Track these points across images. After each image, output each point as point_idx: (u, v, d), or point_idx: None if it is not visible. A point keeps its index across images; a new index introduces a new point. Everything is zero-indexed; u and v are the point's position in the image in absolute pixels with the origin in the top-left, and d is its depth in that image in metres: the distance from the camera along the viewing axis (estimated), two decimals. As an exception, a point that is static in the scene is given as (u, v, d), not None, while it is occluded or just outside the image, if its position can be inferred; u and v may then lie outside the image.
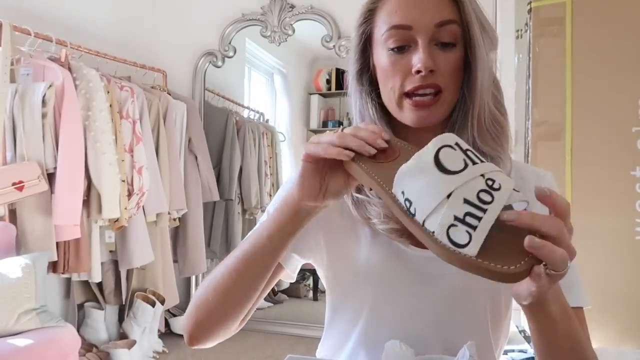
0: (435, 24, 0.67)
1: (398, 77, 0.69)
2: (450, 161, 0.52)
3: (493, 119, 0.72)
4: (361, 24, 0.74)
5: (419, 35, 0.68)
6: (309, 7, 3.18)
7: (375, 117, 0.75)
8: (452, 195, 0.50)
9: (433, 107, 0.69)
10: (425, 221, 0.52)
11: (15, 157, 2.19)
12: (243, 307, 0.70)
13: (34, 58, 2.28)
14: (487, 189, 0.50)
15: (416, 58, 0.67)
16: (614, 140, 1.60)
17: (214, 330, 0.71)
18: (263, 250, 0.68)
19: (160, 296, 2.78)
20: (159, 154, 2.80)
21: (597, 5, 1.65)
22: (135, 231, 2.62)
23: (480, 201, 0.49)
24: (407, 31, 0.68)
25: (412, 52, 0.69)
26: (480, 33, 0.69)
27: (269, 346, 2.90)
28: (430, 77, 0.68)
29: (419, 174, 0.53)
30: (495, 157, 0.72)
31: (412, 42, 0.69)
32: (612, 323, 1.58)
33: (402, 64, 0.69)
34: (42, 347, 1.84)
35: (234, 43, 3.37)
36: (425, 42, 0.67)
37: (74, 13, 2.87)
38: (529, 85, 1.74)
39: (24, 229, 2.21)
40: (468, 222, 0.48)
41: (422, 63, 0.66)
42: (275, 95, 3.74)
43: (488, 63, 0.71)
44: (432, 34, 0.68)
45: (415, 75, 0.68)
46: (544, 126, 1.70)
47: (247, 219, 3.51)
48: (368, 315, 0.76)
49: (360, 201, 0.74)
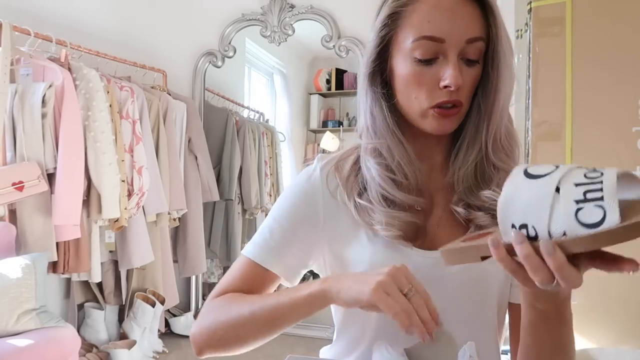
0: (465, 40, 0.67)
1: (424, 89, 0.69)
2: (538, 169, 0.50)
3: (508, 134, 0.74)
4: (384, 26, 0.72)
5: (450, 49, 0.67)
6: (309, 7, 3.18)
7: (387, 118, 0.74)
8: (561, 186, 0.47)
9: (454, 117, 0.71)
10: (549, 231, 0.47)
11: (15, 157, 2.19)
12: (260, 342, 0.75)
13: (33, 58, 2.28)
14: (590, 171, 0.48)
15: (447, 73, 0.67)
16: (614, 140, 1.60)
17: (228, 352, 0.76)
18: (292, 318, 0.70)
19: (160, 296, 2.78)
20: (159, 154, 2.80)
21: (597, 5, 1.64)
22: (135, 231, 2.62)
23: (591, 178, 0.47)
24: (438, 44, 0.67)
25: (440, 64, 0.68)
26: (507, 52, 0.69)
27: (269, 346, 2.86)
28: (456, 93, 0.69)
29: (518, 194, 0.49)
30: (507, 170, 0.72)
31: (440, 55, 0.68)
32: (612, 323, 1.58)
33: (429, 76, 0.69)
34: (42, 347, 1.84)
35: (234, 43, 3.36)
36: (455, 57, 0.67)
37: (74, 13, 2.87)
38: (529, 85, 1.74)
39: (24, 229, 2.21)
40: (592, 197, 0.45)
41: (453, 80, 0.66)
42: (275, 95, 3.74)
43: (511, 81, 0.71)
44: (462, 49, 0.68)
45: (443, 90, 0.68)
46: (544, 126, 1.69)
47: (247, 219, 3.51)
48: (377, 319, 0.76)
49: (362, 207, 0.74)
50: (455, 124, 0.72)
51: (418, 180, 0.74)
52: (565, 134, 1.65)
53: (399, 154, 0.73)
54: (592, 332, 1.59)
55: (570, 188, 0.46)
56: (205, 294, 3.51)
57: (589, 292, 1.65)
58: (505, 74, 0.70)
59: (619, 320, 1.58)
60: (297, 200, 0.80)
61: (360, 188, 0.76)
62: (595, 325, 1.59)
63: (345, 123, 3.60)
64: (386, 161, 0.74)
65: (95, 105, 2.34)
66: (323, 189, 0.79)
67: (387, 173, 0.73)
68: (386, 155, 0.74)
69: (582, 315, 1.59)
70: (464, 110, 0.72)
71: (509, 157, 0.74)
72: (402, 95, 0.72)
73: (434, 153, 0.78)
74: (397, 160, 0.73)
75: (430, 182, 0.78)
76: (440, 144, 0.78)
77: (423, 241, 0.74)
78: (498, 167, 0.73)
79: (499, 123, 0.72)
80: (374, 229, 0.73)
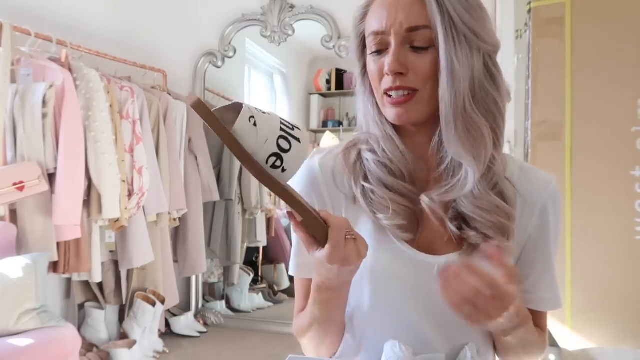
0: (406, 29, 0.70)
1: (378, 78, 0.73)
2: None
3: (469, 125, 0.70)
4: (355, 27, 0.78)
5: (392, 39, 0.71)
6: (309, 7, 3.18)
7: (376, 114, 0.77)
8: None
9: (407, 105, 0.72)
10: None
11: (16, 157, 2.19)
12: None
13: (34, 58, 2.28)
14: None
15: (386, 61, 0.71)
16: (613, 140, 1.60)
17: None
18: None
19: (160, 296, 2.78)
20: (159, 154, 2.80)
21: (597, 5, 1.65)
22: (135, 231, 2.62)
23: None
24: (383, 36, 0.71)
25: (387, 55, 0.72)
26: (452, 36, 0.68)
27: (269, 346, 2.90)
28: (401, 79, 0.71)
29: None
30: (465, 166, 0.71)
31: (388, 46, 0.72)
32: (612, 323, 1.58)
33: (379, 66, 0.73)
34: (43, 347, 1.84)
35: (234, 43, 3.37)
36: (396, 45, 0.70)
37: (74, 13, 2.87)
38: (528, 85, 1.74)
39: (24, 229, 2.21)
40: None
41: (389, 66, 0.70)
42: (275, 95, 3.74)
43: (467, 66, 0.69)
44: (404, 37, 0.70)
45: (387, 77, 0.71)
46: (544, 126, 1.70)
47: (247, 219, 3.52)
48: (374, 319, 0.76)
49: (367, 192, 0.76)
50: (411, 113, 0.72)
51: (409, 169, 0.75)
52: (565, 134, 1.65)
53: (388, 146, 0.76)
54: (592, 332, 1.59)
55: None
56: (205, 294, 3.51)
57: (588, 292, 1.66)
58: (449, 59, 0.68)
59: (618, 320, 1.58)
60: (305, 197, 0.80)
61: (365, 174, 0.78)
62: (595, 325, 1.60)
63: (345, 123, 3.60)
64: (378, 153, 0.77)
65: (96, 106, 2.34)
66: (327, 180, 0.80)
67: (381, 160, 0.76)
68: (376, 147, 0.77)
69: (582, 315, 1.59)
70: (425, 98, 0.71)
71: (467, 151, 0.71)
72: (375, 89, 0.76)
73: (424, 148, 0.77)
74: (386, 152, 0.76)
75: (428, 180, 0.77)
76: (428, 138, 0.76)
77: (420, 240, 0.75)
78: (454, 157, 0.72)
79: (451, 112, 0.69)
80: (376, 219, 0.74)
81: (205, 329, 3.15)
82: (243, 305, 3.50)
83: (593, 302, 1.59)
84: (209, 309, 3.35)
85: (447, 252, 0.74)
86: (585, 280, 1.61)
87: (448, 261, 0.73)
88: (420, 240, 0.75)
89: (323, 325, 0.76)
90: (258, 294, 3.59)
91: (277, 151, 0.58)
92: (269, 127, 0.59)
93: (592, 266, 1.59)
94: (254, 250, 3.72)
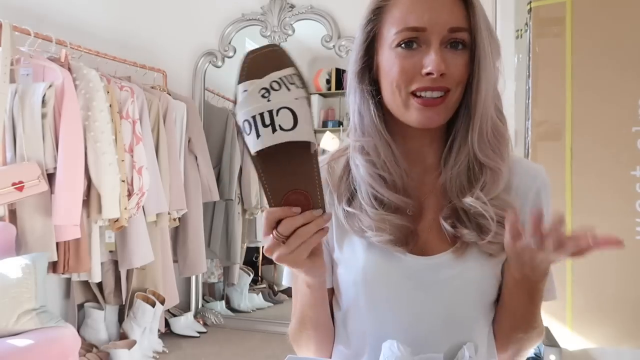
0: (448, 29, 0.67)
1: (406, 76, 0.68)
2: None
3: (495, 130, 0.72)
4: (368, 22, 0.73)
5: (433, 37, 0.67)
6: (309, 7, 3.18)
7: (375, 116, 0.74)
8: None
9: (439, 107, 0.69)
10: None
11: (15, 157, 2.19)
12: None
13: (33, 58, 2.28)
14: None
15: (428, 60, 0.66)
16: (614, 140, 1.60)
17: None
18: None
19: (160, 296, 2.78)
20: (159, 154, 2.80)
21: (597, 5, 1.64)
22: (135, 231, 2.62)
23: None
24: (420, 33, 0.67)
25: (423, 52, 0.68)
26: (488, 42, 0.69)
27: (269, 346, 2.90)
28: (440, 80, 0.67)
29: None
30: (494, 168, 0.72)
31: (423, 43, 0.68)
32: (611, 323, 1.58)
33: (411, 63, 0.68)
34: (42, 347, 1.84)
35: (234, 43, 3.37)
36: (437, 44, 0.67)
37: (74, 13, 2.87)
38: (529, 85, 1.74)
39: (24, 229, 2.21)
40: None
41: (435, 66, 0.66)
42: (275, 95, 3.73)
43: (494, 73, 0.71)
44: (444, 37, 0.67)
45: (425, 77, 0.67)
46: (544, 126, 1.70)
47: (247, 219, 3.51)
48: (371, 324, 0.76)
49: (351, 214, 0.74)
50: (441, 116, 0.70)
51: (404, 181, 0.73)
52: (565, 134, 1.65)
53: (385, 153, 0.73)
54: (592, 332, 1.59)
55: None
56: (205, 294, 3.51)
57: (588, 292, 1.66)
58: (485, 63, 0.68)
59: (618, 320, 1.58)
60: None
61: (352, 191, 0.75)
62: (595, 325, 1.59)
63: (345, 123, 3.60)
64: (373, 159, 0.73)
65: (95, 105, 2.34)
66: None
67: (375, 170, 0.73)
68: (372, 153, 0.74)
69: (582, 315, 1.59)
70: (453, 101, 0.70)
71: (496, 154, 0.72)
72: (387, 88, 0.72)
73: (426, 154, 0.76)
74: (382, 160, 0.73)
75: (423, 185, 0.76)
76: (433, 144, 0.76)
77: (414, 246, 0.73)
78: (486, 165, 0.72)
79: (484, 116, 0.70)
80: (365, 237, 0.73)
81: (205, 329, 3.15)
82: (243, 306, 3.50)
83: (593, 302, 1.59)
84: (208, 309, 3.35)
85: (440, 251, 0.73)
86: (585, 280, 1.61)
87: (440, 262, 0.72)
88: (415, 249, 0.74)
89: (308, 323, 0.77)
90: (258, 294, 3.59)
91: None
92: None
93: (592, 266, 1.58)
94: (254, 250, 3.72)
